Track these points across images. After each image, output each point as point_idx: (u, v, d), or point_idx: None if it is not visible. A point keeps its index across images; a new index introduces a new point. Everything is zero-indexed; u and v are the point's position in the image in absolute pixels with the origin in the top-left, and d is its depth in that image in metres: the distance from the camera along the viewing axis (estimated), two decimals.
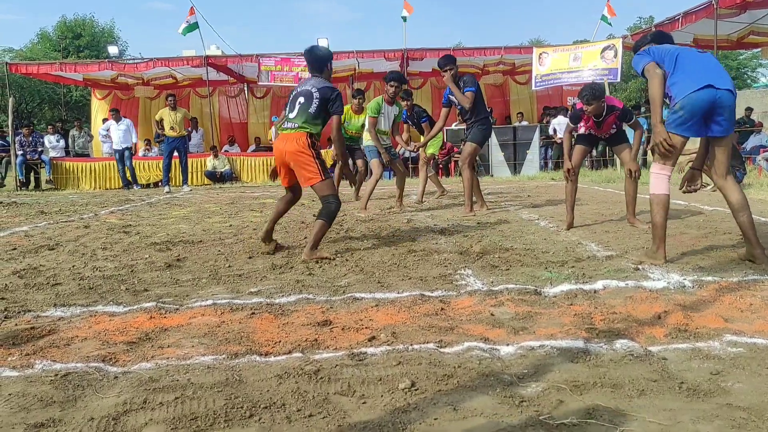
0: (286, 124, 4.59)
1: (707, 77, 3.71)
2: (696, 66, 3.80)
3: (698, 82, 3.71)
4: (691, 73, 3.77)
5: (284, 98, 18.17)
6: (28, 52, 34.39)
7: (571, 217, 5.53)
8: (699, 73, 3.75)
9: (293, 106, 4.61)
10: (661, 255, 3.98)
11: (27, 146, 14.32)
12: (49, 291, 3.65)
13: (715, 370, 2.18)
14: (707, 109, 3.73)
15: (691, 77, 3.75)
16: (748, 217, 3.90)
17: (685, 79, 3.77)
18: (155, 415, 1.94)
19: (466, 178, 6.92)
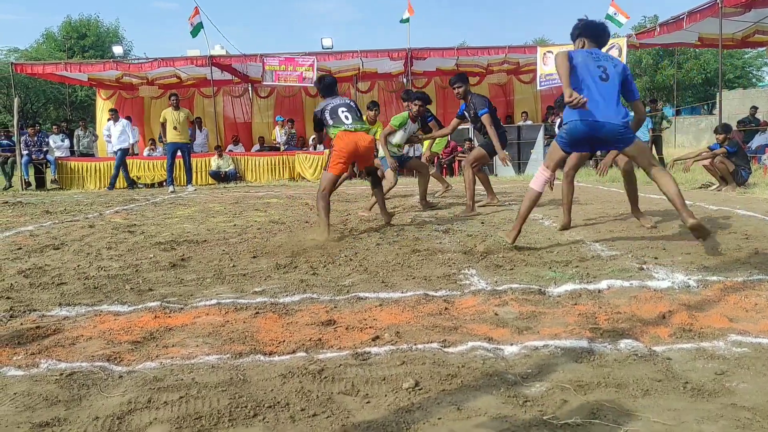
0: (356, 125, 5.63)
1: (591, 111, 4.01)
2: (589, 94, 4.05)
3: (583, 112, 4.03)
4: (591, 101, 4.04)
5: (288, 98, 18.26)
6: (33, 53, 34.48)
7: (568, 218, 5.42)
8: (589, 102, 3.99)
9: (344, 116, 5.65)
10: (512, 238, 4.47)
11: (32, 146, 14.37)
12: (54, 290, 3.67)
13: (720, 370, 2.18)
14: (588, 138, 4.14)
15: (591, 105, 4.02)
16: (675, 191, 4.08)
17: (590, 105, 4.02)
18: (160, 415, 1.95)
19: (467, 178, 7.09)
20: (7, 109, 29.90)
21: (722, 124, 9.31)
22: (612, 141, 4.15)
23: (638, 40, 14.83)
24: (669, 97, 35.08)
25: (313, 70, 14.45)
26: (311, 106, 18.33)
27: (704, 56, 36.07)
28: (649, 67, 37.23)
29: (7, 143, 15.24)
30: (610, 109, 4.05)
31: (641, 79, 37.67)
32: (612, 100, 4.10)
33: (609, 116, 4.03)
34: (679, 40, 14.99)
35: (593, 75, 4.14)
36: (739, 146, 9.12)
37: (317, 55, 14.78)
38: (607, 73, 4.17)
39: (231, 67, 16.33)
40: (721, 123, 9.74)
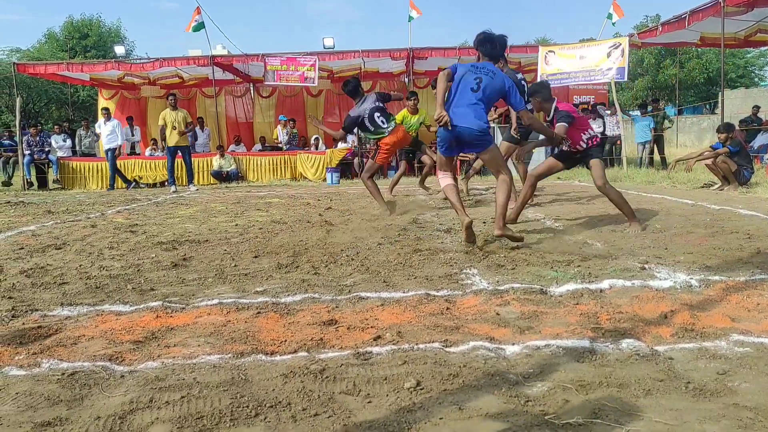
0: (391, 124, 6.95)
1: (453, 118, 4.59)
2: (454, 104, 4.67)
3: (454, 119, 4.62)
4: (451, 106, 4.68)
5: (289, 97, 18.25)
6: (35, 53, 34.50)
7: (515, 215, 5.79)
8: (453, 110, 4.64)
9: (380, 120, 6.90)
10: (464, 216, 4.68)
11: (34, 146, 14.39)
12: (56, 290, 3.67)
13: (722, 369, 2.17)
14: (452, 140, 4.70)
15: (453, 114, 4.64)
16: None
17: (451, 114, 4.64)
18: (161, 414, 1.95)
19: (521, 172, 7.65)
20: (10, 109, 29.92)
21: (724, 124, 9.30)
22: (471, 144, 4.73)
23: (640, 40, 14.81)
24: (671, 97, 35.03)
25: (314, 70, 14.45)
26: (313, 106, 18.35)
27: (706, 56, 36.01)
28: (651, 67, 37.17)
29: (9, 143, 15.27)
30: (469, 116, 4.59)
31: (643, 79, 37.62)
32: (475, 108, 4.62)
33: (468, 122, 4.58)
34: (681, 39, 14.96)
35: (467, 86, 4.66)
36: (742, 146, 9.10)
37: (319, 55, 14.78)
38: (480, 84, 4.65)
39: (233, 67, 16.33)
40: (723, 122, 9.72)
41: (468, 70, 4.71)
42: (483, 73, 4.69)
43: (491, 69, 4.75)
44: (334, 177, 13.84)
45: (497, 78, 4.69)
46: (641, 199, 7.84)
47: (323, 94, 18.30)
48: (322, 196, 10.14)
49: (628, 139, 15.38)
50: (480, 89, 4.62)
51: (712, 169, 9.08)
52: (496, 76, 4.69)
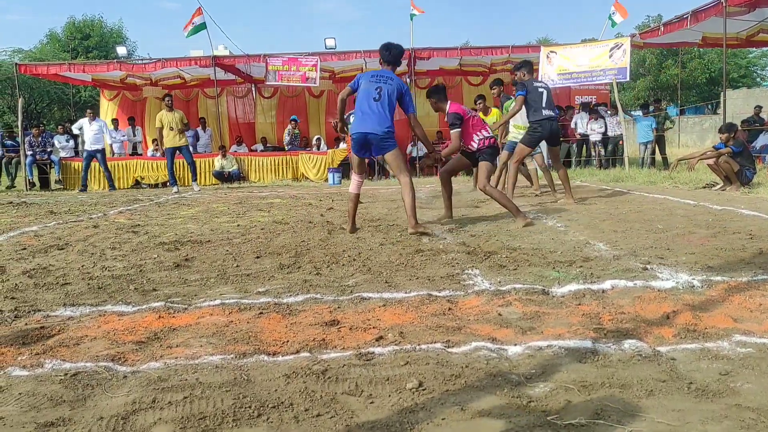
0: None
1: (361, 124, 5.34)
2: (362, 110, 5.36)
3: (356, 125, 5.37)
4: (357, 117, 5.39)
5: (291, 98, 18.24)
6: (37, 53, 34.55)
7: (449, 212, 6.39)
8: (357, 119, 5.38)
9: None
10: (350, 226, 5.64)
11: (36, 146, 14.40)
12: (59, 291, 3.68)
13: (724, 370, 2.17)
14: (361, 143, 5.41)
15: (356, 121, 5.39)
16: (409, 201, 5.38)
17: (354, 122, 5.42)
18: (164, 415, 1.95)
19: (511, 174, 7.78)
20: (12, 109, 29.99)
21: (727, 124, 9.28)
22: (377, 146, 5.37)
23: (642, 40, 14.79)
24: (673, 97, 35.02)
25: (316, 70, 14.45)
26: (315, 106, 18.34)
27: (708, 56, 35.98)
28: (653, 67, 37.15)
29: (12, 144, 15.29)
30: (374, 121, 5.27)
31: (645, 79, 37.59)
32: (378, 114, 5.27)
33: (373, 128, 5.26)
34: (683, 39, 14.94)
35: (369, 95, 5.33)
36: (744, 146, 9.09)
37: (320, 55, 14.78)
38: (380, 93, 5.31)
39: (234, 68, 16.33)
40: (725, 123, 9.71)
41: (369, 80, 5.42)
42: (383, 82, 5.37)
43: (388, 76, 5.45)
44: (335, 177, 13.84)
45: (393, 85, 5.38)
46: (643, 199, 7.83)
47: (325, 95, 18.30)
48: (324, 196, 10.15)
49: (630, 139, 15.36)
50: (381, 97, 5.32)
51: (715, 170, 9.07)
52: (393, 84, 5.38)
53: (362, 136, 5.33)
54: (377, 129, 5.27)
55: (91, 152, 13.45)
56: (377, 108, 5.30)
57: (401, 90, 5.42)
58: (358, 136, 5.35)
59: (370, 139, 5.32)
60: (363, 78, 5.50)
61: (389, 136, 5.33)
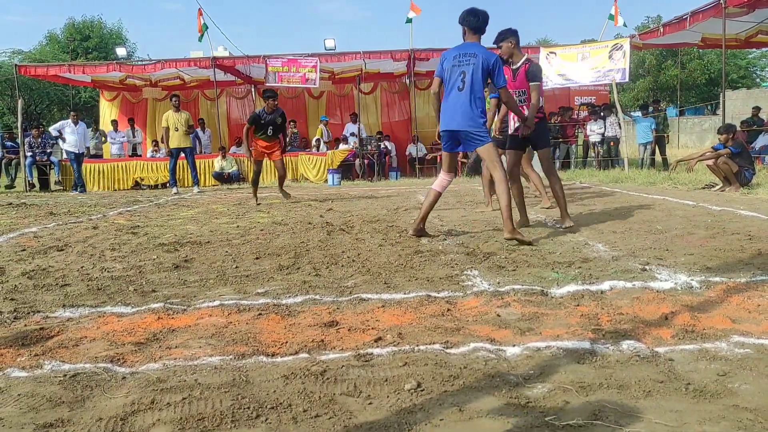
0: None
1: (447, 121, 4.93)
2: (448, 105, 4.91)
3: (443, 124, 4.97)
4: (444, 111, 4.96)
5: (292, 99, 18.25)
6: (36, 54, 34.55)
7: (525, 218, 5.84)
8: (446, 113, 4.93)
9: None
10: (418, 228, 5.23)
11: (36, 147, 14.40)
12: (58, 292, 3.68)
13: (722, 371, 2.18)
14: (453, 138, 4.99)
15: (443, 116, 4.97)
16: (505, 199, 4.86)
17: (441, 116, 5.00)
18: (163, 416, 1.95)
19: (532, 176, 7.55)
20: (11, 110, 29.99)
21: (726, 125, 9.30)
22: (467, 142, 4.95)
23: (642, 41, 14.80)
24: (672, 98, 35.02)
25: (315, 71, 14.46)
26: (314, 107, 18.36)
27: (708, 56, 35.98)
28: (653, 68, 37.15)
29: (11, 145, 15.29)
30: (460, 116, 4.84)
31: (645, 80, 37.59)
32: (463, 107, 4.82)
33: (460, 124, 4.86)
34: (683, 40, 14.96)
35: (453, 85, 4.86)
36: (744, 147, 9.10)
37: (320, 56, 14.79)
38: (464, 80, 4.80)
39: (234, 69, 16.34)
40: (724, 123, 9.72)
41: (452, 65, 4.85)
42: (465, 62, 4.81)
43: (472, 52, 4.82)
44: (335, 178, 13.85)
45: (479, 60, 4.77)
46: (642, 200, 7.84)
47: (324, 96, 18.32)
48: (324, 197, 10.15)
49: (630, 140, 15.36)
50: (465, 85, 4.79)
51: (714, 170, 9.08)
52: (477, 59, 4.77)
53: (450, 134, 4.96)
54: (464, 125, 4.84)
55: (76, 154, 13.38)
56: (463, 99, 4.80)
57: (488, 65, 4.78)
58: (447, 134, 4.97)
59: (460, 137, 4.93)
60: (447, 59, 4.91)
61: (480, 130, 4.85)
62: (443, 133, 5.00)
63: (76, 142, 13.28)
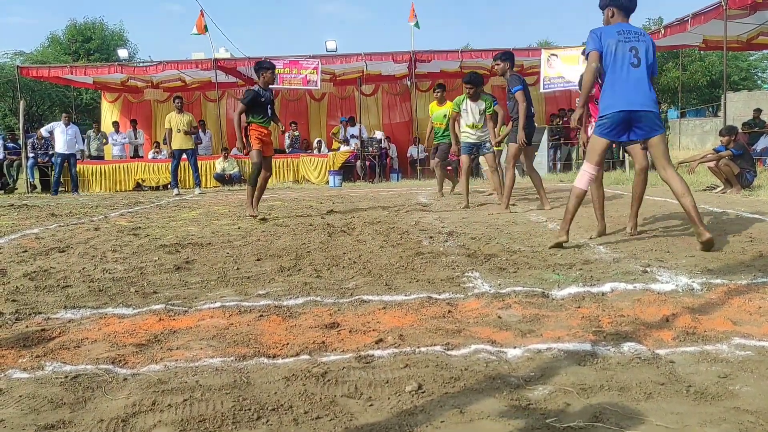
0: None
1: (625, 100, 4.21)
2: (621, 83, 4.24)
3: (618, 104, 4.24)
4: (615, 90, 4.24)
5: (293, 101, 18.27)
6: (38, 56, 34.62)
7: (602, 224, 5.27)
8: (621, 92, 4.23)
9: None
10: (564, 235, 4.60)
11: (38, 149, 14.41)
12: (60, 293, 3.69)
13: (723, 373, 2.17)
14: (625, 123, 4.29)
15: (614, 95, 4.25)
16: (690, 201, 4.34)
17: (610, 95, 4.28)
18: (164, 417, 1.96)
19: (509, 177, 7.20)
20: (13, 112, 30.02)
21: (727, 127, 9.30)
22: (646, 126, 4.28)
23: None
24: (674, 99, 34.98)
25: (317, 73, 14.48)
26: (316, 109, 18.38)
27: (709, 58, 35.94)
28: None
29: (13, 146, 15.31)
30: (641, 95, 4.21)
31: None
32: (642, 85, 4.22)
33: (643, 103, 4.20)
34: (684, 42, 14.96)
35: (625, 60, 4.21)
36: (745, 149, 9.10)
37: (321, 58, 14.80)
38: (638, 56, 4.22)
39: (235, 70, 16.36)
40: (726, 125, 9.72)
41: (618, 40, 4.25)
42: (634, 39, 4.27)
43: (636, 31, 4.35)
44: (336, 180, 13.86)
45: (647, 40, 4.34)
46: (643, 202, 7.80)
47: (326, 98, 18.33)
48: (325, 198, 10.15)
49: None
50: (641, 62, 4.25)
51: (715, 172, 9.07)
52: (645, 38, 4.34)
53: (626, 115, 4.23)
54: (649, 104, 4.22)
55: (64, 155, 13.34)
56: (639, 77, 4.24)
57: (653, 48, 4.35)
58: (621, 116, 4.24)
59: (639, 117, 4.24)
60: (606, 36, 4.29)
61: (659, 112, 4.33)
62: (612, 116, 4.28)
63: (66, 144, 13.25)
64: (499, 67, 7.00)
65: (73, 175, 13.51)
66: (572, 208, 4.57)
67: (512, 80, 6.91)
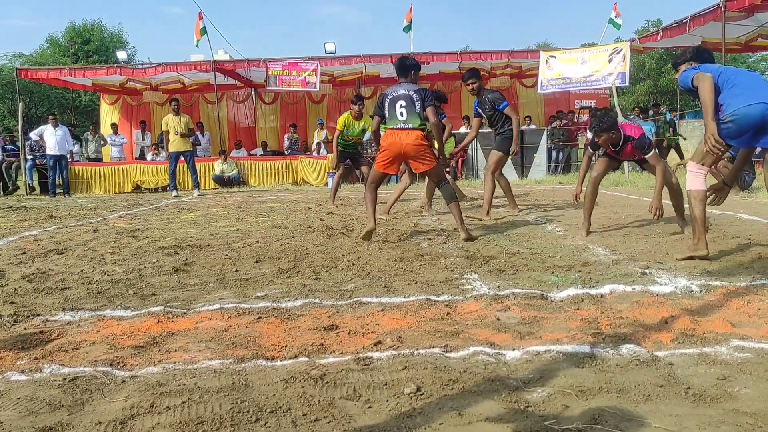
0: (400, 124, 5.33)
1: (760, 94, 3.76)
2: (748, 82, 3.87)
3: (751, 98, 3.75)
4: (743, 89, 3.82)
5: (293, 104, 18.27)
6: (37, 58, 34.60)
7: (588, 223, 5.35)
8: (751, 89, 3.81)
9: (397, 111, 5.35)
10: (703, 246, 4.09)
11: (37, 151, 14.40)
12: (58, 295, 3.68)
13: (722, 375, 2.17)
14: (758, 124, 3.75)
15: (743, 93, 3.80)
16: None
17: (737, 94, 3.81)
18: (162, 419, 1.95)
19: (488, 183, 7.04)
20: (12, 114, 29.99)
21: None
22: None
23: (642, 44, 14.82)
24: (672, 101, 35.01)
25: (316, 75, 14.48)
26: (314, 112, 18.38)
27: None
28: (653, 71, 37.16)
29: (12, 148, 15.29)
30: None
31: (644, 83, 37.61)
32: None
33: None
34: (683, 44, 14.96)
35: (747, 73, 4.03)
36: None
37: (320, 60, 14.81)
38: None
39: (234, 72, 16.36)
40: None
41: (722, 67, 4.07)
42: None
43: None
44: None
45: None
46: (643, 204, 7.83)
47: (326, 100, 18.33)
48: (324, 200, 10.14)
49: None
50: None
51: (714, 174, 9.07)
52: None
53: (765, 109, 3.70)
54: None
55: (55, 157, 13.30)
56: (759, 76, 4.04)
57: None
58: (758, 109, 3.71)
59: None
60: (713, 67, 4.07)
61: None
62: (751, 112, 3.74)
63: (57, 145, 13.23)
64: (475, 86, 6.82)
65: (65, 177, 13.46)
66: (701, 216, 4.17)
67: (496, 98, 6.87)
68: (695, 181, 4.19)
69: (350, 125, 8.42)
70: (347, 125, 8.41)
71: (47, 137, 13.25)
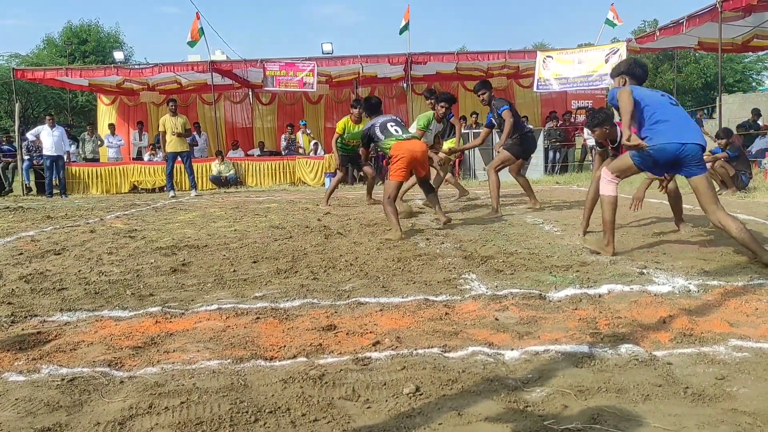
0: (402, 134, 5.90)
1: (680, 134, 4.06)
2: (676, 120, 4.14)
3: (672, 137, 4.06)
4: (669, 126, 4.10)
5: (290, 105, 18.26)
6: (34, 58, 34.56)
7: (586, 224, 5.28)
8: (677, 127, 4.10)
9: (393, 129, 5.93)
10: (611, 249, 4.41)
11: (34, 151, 14.36)
12: (56, 296, 3.67)
13: (721, 374, 2.18)
14: (671, 160, 4.11)
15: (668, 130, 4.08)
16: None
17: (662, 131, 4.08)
18: (161, 420, 1.95)
19: (492, 181, 7.31)
20: (9, 114, 29.95)
21: (723, 129, 9.33)
22: (693, 163, 4.10)
23: (638, 45, 14.84)
24: None
25: (313, 75, 14.46)
26: (312, 112, 18.37)
27: (704, 60, 36.08)
28: (649, 71, 37.24)
29: (8, 148, 15.25)
30: (694, 130, 4.17)
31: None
32: (691, 122, 4.25)
33: (697, 138, 4.11)
34: (679, 44, 15.02)
35: (665, 101, 4.24)
36: (741, 151, 9.13)
37: (317, 60, 14.80)
38: (671, 98, 4.31)
39: (232, 73, 16.34)
40: (722, 128, 9.75)
41: (650, 91, 4.33)
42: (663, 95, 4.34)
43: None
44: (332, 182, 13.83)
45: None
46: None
47: (323, 100, 18.33)
48: (321, 201, 10.14)
49: None
50: (677, 103, 4.29)
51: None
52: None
53: (679, 148, 4.01)
54: (701, 140, 4.11)
55: (52, 157, 13.27)
56: (684, 114, 4.24)
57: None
58: (674, 148, 4.01)
59: (688, 152, 4.03)
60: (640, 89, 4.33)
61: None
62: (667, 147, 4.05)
63: (54, 145, 13.18)
64: (486, 96, 7.24)
65: (62, 178, 13.41)
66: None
67: (498, 102, 7.26)
68: (607, 188, 4.50)
69: (350, 129, 8.50)
70: (347, 129, 8.50)
71: (44, 138, 13.19)
